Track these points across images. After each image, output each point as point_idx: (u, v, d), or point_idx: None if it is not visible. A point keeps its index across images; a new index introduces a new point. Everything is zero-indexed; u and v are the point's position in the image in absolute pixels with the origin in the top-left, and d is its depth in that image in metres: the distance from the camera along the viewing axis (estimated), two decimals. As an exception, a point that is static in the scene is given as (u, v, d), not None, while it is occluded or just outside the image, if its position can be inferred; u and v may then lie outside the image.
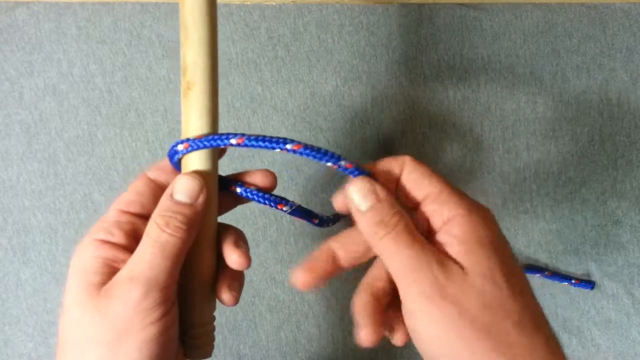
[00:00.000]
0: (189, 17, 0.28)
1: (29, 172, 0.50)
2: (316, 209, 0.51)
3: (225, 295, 0.31)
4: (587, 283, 0.51)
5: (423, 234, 0.29)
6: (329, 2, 0.51)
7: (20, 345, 0.50)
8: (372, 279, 0.32)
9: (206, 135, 0.28)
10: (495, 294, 0.26)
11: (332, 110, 0.51)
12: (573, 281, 0.51)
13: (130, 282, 0.26)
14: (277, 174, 0.33)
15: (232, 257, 0.30)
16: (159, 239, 0.27)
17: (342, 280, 0.51)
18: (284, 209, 0.32)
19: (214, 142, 0.28)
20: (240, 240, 0.32)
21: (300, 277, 0.31)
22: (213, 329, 0.32)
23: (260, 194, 0.31)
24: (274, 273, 0.51)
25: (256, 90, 0.50)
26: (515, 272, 0.27)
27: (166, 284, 0.27)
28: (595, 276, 0.52)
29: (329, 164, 0.29)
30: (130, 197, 0.30)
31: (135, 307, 0.26)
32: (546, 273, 0.51)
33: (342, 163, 0.29)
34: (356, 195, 0.28)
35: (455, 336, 0.26)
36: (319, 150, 0.28)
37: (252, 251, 0.35)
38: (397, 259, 0.27)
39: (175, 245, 0.27)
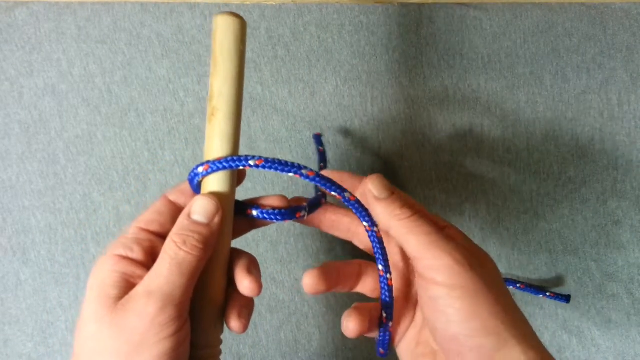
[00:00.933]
0: (219, 50, 0.30)
1: (29, 172, 0.50)
2: (316, 209, 0.51)
3: (234, 322, 0.31)
4: (562, 297, 0.50)
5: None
6: (329, 2, 0.51)
7: (19, 345, 0.50)
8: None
9: (225, 157, 0.30)
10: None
11: (332, 110, 0.51)
12: (548, 294, 0.50)
13: (148, 296, 0.27)
14: (277, 176, 0.33)
15: (244, 283, 0.31)
16: (177, 257, 0.28)
17: (342, 280, 0.51)
18: (301, 214, 0.33)
19: (232, 163, 0.30)
20: (253, 267, 0.32)
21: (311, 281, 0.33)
22: (219, 352, 0.33)
23: (275, 212, 0.33)
24: (274, 273, 0.51)
25: (256, 90, 0.50)
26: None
27: (181, 300, 0.28)
28: (596, 276, 0.52)
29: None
30: (150, 216, 0.32)
31: (151, 321, 0.27)
32: (519, 285, 0.50)
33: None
34: (374, 187, 0.31)
35: (485, 308, 0.28)
36: (331, 184, 0.31)
37: (252, 251, 0.35)
38: (421, 236, 0.29)
39: (191, 263, 0.28)
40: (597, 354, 0.52)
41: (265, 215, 0.33)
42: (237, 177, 0.33)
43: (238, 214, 0.33)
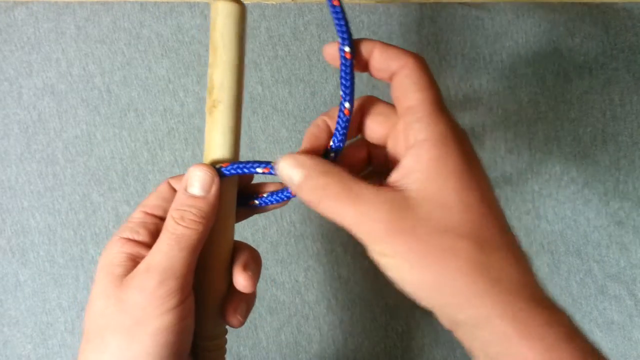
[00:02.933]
0: (219, 39, 0.29)
1: (28, 172, 0.50)
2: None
3: (231, 316, 0.32)
4: None
5: (395, 149, 0.29)
6: (330, 2, 0.50)
7: (19, 347, 0.50)
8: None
9: (232, 163, 0.30)
10: (445, 217, 0.26)
11: (333, 110, 0.51)
12: None
13: (147, 271, 0.28)
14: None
15: (239, 280, 0.31)
16: (175, 232, 0.28)
17: (343, 281, 0.51)
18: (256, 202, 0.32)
19: (239, 169, 0.30)
20: (252, 262, 0.32)
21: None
22: (224, 342, 0.33)
23: (275, 195, 0.32)
24: (274, 274, 0.50)
25: (256, 90, 0.50)
26: (474, 193, 0.27)
27: (181, 273, 0.28)
28: (598, 277, 0.52)
29: None
30: (154, 201, 0.32)
31: (151, 294, 0.27)
32: None
33: None
34: (284, 173, 0.29)
35: (412, 267, 0.26)
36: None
37: (251, 253, 0.34)
38: (344, 220, 0.27)
39: (190, 237, 0.28)
40: (599, 356, 0.52)
41: (266, 201, 0.32)
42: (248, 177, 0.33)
43: (241, 205, 0.33)
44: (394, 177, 0.27)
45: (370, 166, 0.33)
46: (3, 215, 0.50)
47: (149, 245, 0.30)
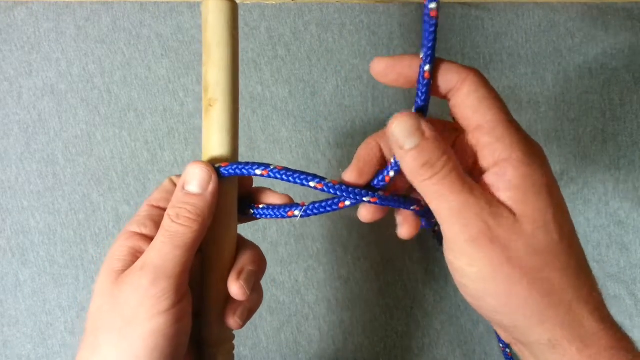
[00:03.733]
0: (212, 37, 0.28)
1: (28, 172, 0.50)
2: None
3: (229, 318, 0.31)
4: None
5: (468, 166, 0.27)
6: (330, 2, 0.50)
7: (19, 347, 0.50)
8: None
9: (231, 164, 0.29)
10: (546, 239, 0.25)
11: (333, 110, 0.51)
12: None
13: (141, 269, 0.27)
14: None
15: (232, 288, 0.30)
16: (170, 229, 0.28)
17: (343, 281, 0.51)
18: (294, 214, 0.31)
19: (239, 170, 0.29)
20: (251, 266, 0.31)
21: (350, 176, 0.30)
22: (232, 348, 0.32)
23: (274, 209, 0.31)
24: (275, 274, 0.50)
25: (256, 90, 0.50)
26: (565, 216, 0.27)
27: (175, 273, 0.27)
28: (598, 277, 0.52)
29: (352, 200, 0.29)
30: (159, 195, 0.31)
31: (144, 294, 0.26)
32: None
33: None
34: (399, 132, 0.26)
35: (503, 279, 0.25)
36: (340, 188, 0.28)
37: (252, 253, 0.34)
38: (443, 203, 0.26)
39: (184, 235, 0.28)
40: (599, 356, 0.52)
41: (262, 213, 0.32)
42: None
43: (240, 213, 0.32)
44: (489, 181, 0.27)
45: None
46: (3, 215, 0.50)
47: (152, 239, 0.29)
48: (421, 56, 0.27)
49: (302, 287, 0.51)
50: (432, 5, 0.25)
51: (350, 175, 0.29)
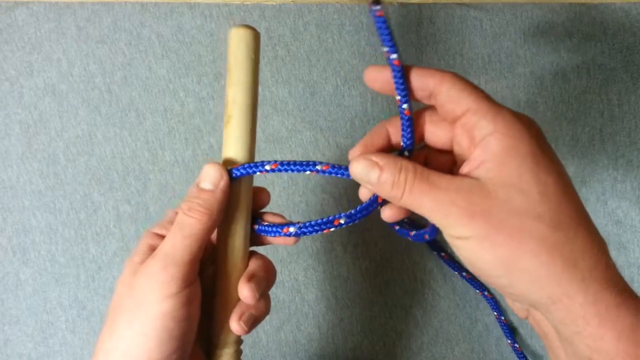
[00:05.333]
0: (232, 60, 0.32)
1: (29, 172, 0.50)
2: (316, 208, 0.51)
3: (234, 324, 0.32)
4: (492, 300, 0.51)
5: (462, 150, 0.30)
6: (329, 2, 0.51)
7: (19, 345, 0.50)
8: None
9: (242, 164, 0.32)
10: (524, 201, 0.26)
11: (332, 110, 0.51)
12: (486, 293, 0.51)
13: (152, 257, 0.30)
14: (277, 175, 0.33)
15: (242, 290, 0.32)
16: (181, 221, 0.30)
17: (342, 280, 0.51)
18: (291, 231, 0.33)
19: (250, 169, 0.32)
20: (261, 273, 0.33)
21: (355, 152, 0.32)
22: (239, 351, 0.33)
23: (271, 226, 0.34)
24: (274, 273, 0.51)
25: (256, 90, 0.50)
26: (551, 176, 0.27)
27: (183, 261, 0.29)
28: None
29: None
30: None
31: (154, 279, 0.29)
32: (464, 274, 0.50)
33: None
34: (361, 173, 0.30)
35: (490, 245, 0.26)
36: (346, 168, 0.31)
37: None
38: (422, 208, 0.28)
39: (193, 226, 0.30)
40: (597, 354, 0.52)
41: (265, 230, 0.34)
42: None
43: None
44: (465, 169, 0.28)
45: None
46: (4, 214, 0.50)
47: None
48: (397, 98, 0.30)
49: (301, 286, 0.51)
50: (394, 56, 0.29)
51: (355, 152, 0.32)
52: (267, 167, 0.32)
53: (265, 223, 0.34)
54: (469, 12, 0.51)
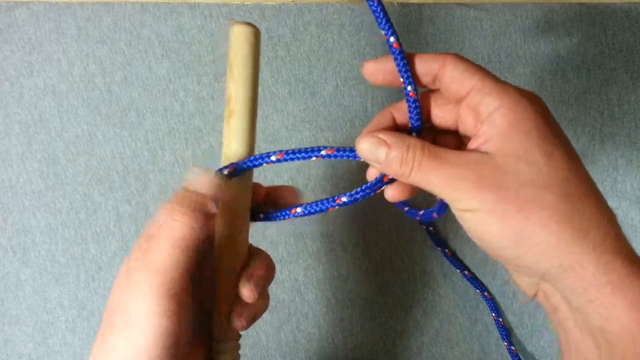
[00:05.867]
0: (234, 56, 0.32)
1: (29, 172, 0.50)
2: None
3: (235, 319, 0.32)
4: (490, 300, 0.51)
5: (468, 129, 0.30)
6: (329, 2, 0.51)
7: (19, 345, 0.50)
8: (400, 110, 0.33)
9: (248, 157, 0.32)
10: (532, 172, 0.27)
11: (332, 110, 0.51)
12: (485, 294, 0.51)
13: (141, 268, 0.28)
14: (277, 175, 0.33)
15: (242, 290, 0.32)
16: (165, 224, 0.29)
17: (342, 280, 0.51)
18: (298, 212, 0.33)
19: (256, 161, 0.32)
20: (261, 271, 0.33)
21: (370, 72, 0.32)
22: (237, 347, 0.34)
23: (277, 212, 0.34)
24: (274, 273, 0.51)
25: (256, 90, 0.50)
26: (558, 149, 0.27)
27: (172, 272, 0.28)
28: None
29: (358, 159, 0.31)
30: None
31: (142, 293, 0.27)
32: (466, 273, 0.50)
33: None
34: (368, 152, 0.30)
35: (499, 217, 0.27)
36: (351, 150, 0.31)
37: (252, 251, 0.35)
38: (431, 184, 0.28)
39: (181, 231, 0.28)
40: (597, 354, 0.52)
41: (273, 217, 0.34)
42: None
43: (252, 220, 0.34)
44: (473, 145, 0.28)
45: None
46: (4, 214, 0.50)
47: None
48: (401, 80, 0.30)
49: (301, 286, 0.51)
50: (392, 39, 0.29)
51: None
52: (273, 158, 0.32)
53: (271, 210, 0.34)
54: (469, 12, 0.51)
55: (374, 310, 0.51)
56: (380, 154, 0.29)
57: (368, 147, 0.30)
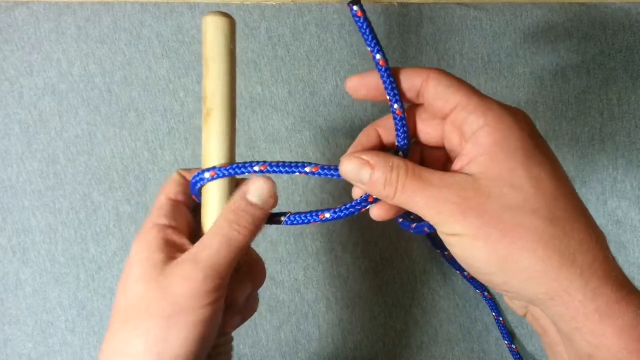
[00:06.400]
0: (209, 52, 0.30)
1: (29, 172, 0.50)
2: (316, 207, 0.51)
3: (223, 323, 0.32)
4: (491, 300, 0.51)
5: (453, 146, 0.30)
6: (329, 2, 0.51)
7: (19, 345, 0.50)
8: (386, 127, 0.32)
9: (231, 164, 0.31)
10: (517, 196, 0.26)
11: (332, 110, 0.51)
12: (486, 294, 0.51)
13: (196, 264, 0.29)
14: (277, 175, 0.33)
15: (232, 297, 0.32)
16: (228, 234, 0.30)
17: (342, 280, 0.51)
18: (282, 220, 0.33)
19: (238, 170, 0.31)
20: (248, 278, 0.33)
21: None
22: (231, 339, 0.34)
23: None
24: (274, 273, 0.51)
25: (256, 90, 0.50)
26: (545, 169, 0.27)
27: (226, 273, 0.29)
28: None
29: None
30: (175, 188, 0.33)
31: (196, 287, 0.28)
32: (465, 274, 0.50)
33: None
34: (352, 173, 0.30)
35: (484, 242, 0.26)
36: (336, 169, 0.31)
37: (252, 251, 0.35)
38: (416, 206, 0.28)
39: (240, 242, 0.30)
40: (597, 354, 0.52)
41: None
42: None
43: None
44: (458, 165, 0.28)
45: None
46: (4, 214, 0.50)
47: (183, 232, 0.31)
48: (388, 98, 0.30)
49: (301, 286, 0.51)
50: (379, 56, 0.29)
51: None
52: (257, 169, 0.31)
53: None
54: (469, 12, 0.51)
55: (374, 310, 0.51)
56: (364, 175, 0.29)
57: (352, 169, 0.30)
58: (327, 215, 0.32)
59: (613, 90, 0.52)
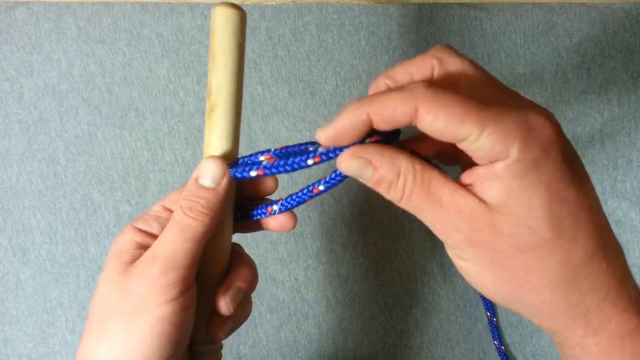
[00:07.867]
0: (217, 45, 0.29)
1: (29, 172, 0.50)
2: (316, 207, 0.51)
3: (213, 331, 0.31)
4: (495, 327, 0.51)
5: (466, 157, 0.26)
6: (329, 2, 0.51)
7: (19, 345, 0.50)
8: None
9: (236, 168, 0.30)
10: (532, 239, 0.24)
11: (332, 110, 0.51)
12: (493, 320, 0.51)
13: (152, 260, 0.28)
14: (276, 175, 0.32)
15: (220, 303, 0.31)
16: (181, 222, 0.28)
17: (342, 280, 0.51)
18: (275, 209, 0.31)
19: (244, 172, 0.29)
20: (240, 282, 0.32)
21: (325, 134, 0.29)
22: (220, 347, 0.33)
23: (254, 210, 0.32)
24: (274, 273, 0.51)
25: (256, 90, 0.50)
26: (567, 205, 0.24)
27: (184, 264, 0.28)
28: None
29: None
30: (175, 196, 0.32)
31: (153, 283, 0.27)
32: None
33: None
34: (354, 171, 0.27)
35: (491, 276, 0.26)
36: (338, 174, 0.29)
37: (252, 251, 0.35)
38: (422, 216, 0.26)
39: (196, 229, 0.28)
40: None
41: (247, 215, 0.32)
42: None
43: (241, 219, 0.33)
44: (468, 179, 0.25)
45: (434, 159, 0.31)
46: (4, 214, 0.50)
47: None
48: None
49: (301, 286, 0.51)
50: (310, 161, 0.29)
51: (322, 135, 0.29)
52: (253, 174, 0.29)
53: (249, 208, 0.32)
54: (469, 12, 0.51)
55: (374, 311, 0.51)
56: (367, 173, 0.27)
57: (352, 166, 0.27)
58: (321, 188, 0.30)
59: (613, 90, 0.52)
